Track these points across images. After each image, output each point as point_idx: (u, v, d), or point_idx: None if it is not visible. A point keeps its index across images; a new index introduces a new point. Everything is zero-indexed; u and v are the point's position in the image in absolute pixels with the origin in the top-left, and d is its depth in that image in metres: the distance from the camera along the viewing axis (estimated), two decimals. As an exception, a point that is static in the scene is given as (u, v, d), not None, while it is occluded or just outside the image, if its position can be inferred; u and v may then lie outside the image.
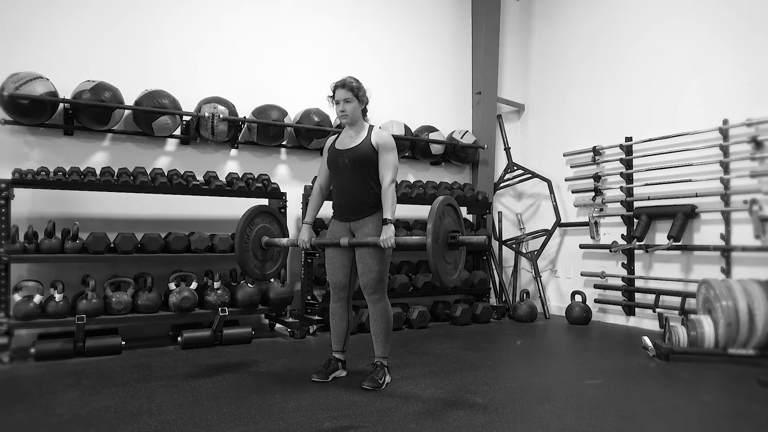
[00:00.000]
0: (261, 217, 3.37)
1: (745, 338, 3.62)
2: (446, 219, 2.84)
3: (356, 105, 3.10)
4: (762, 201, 4.19)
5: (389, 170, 3.06)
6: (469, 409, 2.69)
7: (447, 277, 2.82)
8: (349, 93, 3.08)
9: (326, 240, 3.15)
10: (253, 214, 3.31)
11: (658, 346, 3.79)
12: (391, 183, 3.04)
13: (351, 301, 3.31)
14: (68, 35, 4.33)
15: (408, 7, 6.00)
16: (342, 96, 3.08)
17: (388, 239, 2.94)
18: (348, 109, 3.09)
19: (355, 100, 3.09)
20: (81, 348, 3.69)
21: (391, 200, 3.02)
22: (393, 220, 2.99)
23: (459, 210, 3.00)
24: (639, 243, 4.99)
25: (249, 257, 3.28)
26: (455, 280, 2.94)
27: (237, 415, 2.58)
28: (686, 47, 4.87)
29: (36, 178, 3.83)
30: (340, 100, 3.09)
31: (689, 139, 4.74)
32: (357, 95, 3.09)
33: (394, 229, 3.00)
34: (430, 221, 2.69)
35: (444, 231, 2.80)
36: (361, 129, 3.16)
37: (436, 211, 2.72)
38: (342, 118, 3.13)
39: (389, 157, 3.08)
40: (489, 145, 6.07)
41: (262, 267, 3.39)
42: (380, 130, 3.15)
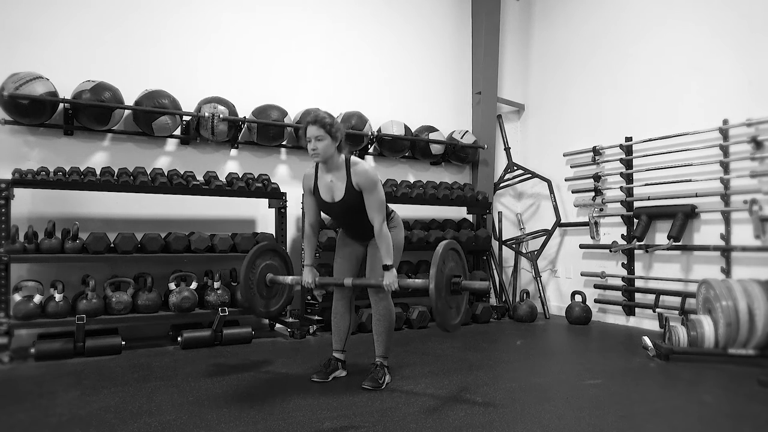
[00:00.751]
0: (262, 257, 3.37)
1: (745, 338, 3.62)
2: (449, 263, 2.84)
3: (329, 143, 2.91)
4: (762, 201, 4.19)
5: (377, 211, 2.95)
6: (469, 409, 2.69)
7: (450, 322, 2.82)
8: (320, 130, 2.89)
9: (331, 280, 3.19)
10: (253, 258, 3.30)
11: (658, 346, 3.79)
12: (383, 223, 2.96)
13: (354, 300, 3.32)
14: (68, 35, 4.33)
15: (408, 7, 6.00)
16: (313, 133, 2.90)
17: (392, 284, 2.93)
18: (320, 147, 2.90)
19: (328, 138, 2.90)
20: (81, 348, 3.69)
21: (386, 244, 2.95)
22: (392, 264, 2.96)
23: (462, 254, 2.98)
24: (639, 243, 4.98)
25: (256, 299, 3.32)
26: (457, 325, 2.93)
27: (237, 415, 2.58)
28: (686, 47, 4.87)
29: (36, 178, 3.83)
30: (312, 137, 2.90)
31: (689, 139, 4.74)
32: (330, 132, 2.90)
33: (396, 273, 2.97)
34: (433, 266, 2.69)
35: (447, 276, 2.80)
36: (339, 168, 3.00)
37: (440, 256, 2.71)
38: (314, 157, 2.96)
39: (373, 198, 2.95)
40: (489, 145, 6.07)
41: (267, 304, 3.43)
42: (357, 167, 2.97)
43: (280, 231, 4.63)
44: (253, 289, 3.29)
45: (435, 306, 2.67)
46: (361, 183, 2.95)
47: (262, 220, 5.01)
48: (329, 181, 3.05)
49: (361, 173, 2.95)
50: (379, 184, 2.98)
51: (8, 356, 3.54)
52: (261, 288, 3.34)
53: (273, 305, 3.47)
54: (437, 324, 2.75)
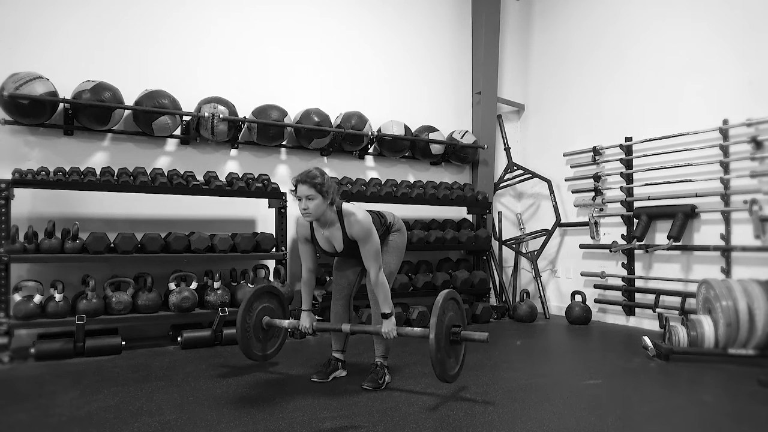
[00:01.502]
0: (259, 300, 3.38)
1: (745, 338, 3.62)
2: (449, 313, 2.85)
3: (320, 201, 2.87)
4: (762, 201, 4.18)
5: (373, 261, 2.94)
6: (469, 409, 2.69)
7: (448, 372, 2.83)
8: (311, 189, 2.84)
9: (328, 326, 3.21)
10: (250, 301, 3.31)
11: (658, 346, 3.79)
12: (379, 272, 2.95)
13: (352, 301, 3.32)
14: (68, 35, 4.33)
15: (408, 7, 6.00)
16: (304, 193, 2.86)
17: (390, 332, 2.95)
18: (311, 206, 2.87)
19: (319, 197, 2.86)
20: (81, 348, 3.69)
21: (384, 292, 2.95)
22: (391, 312, 2.97)
23: (461, 303, 3.01)
24: (639, 243, 4.98)
25: (252, 343, 3.32)
26: (456, 375, 2.93)
27: (237, 415, 2.58)
28: (687, 47, 4.87)
29: (36, 178, 3.83)
30: (302, 197, 2.87)
31: (689, 139, 4.74)
32: (320, 191, 2.86)
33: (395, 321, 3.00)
34: (433, 316, 2.71)
35: (447, 326, 2.82)
36: (332, 222, 3.00)
37: (440, 306, 2.74)
38: (306, 217, 2.93)
39: (368, 247, 2.93)
40: (489, 145, 6.07)
41: (264, 348, 3.43)
42: (351, 219, 2.94)
43: (280, 231, 4.63)
44: (249, 333, 3.30)
45: (434, 357, 2.68)
46: (355, 234, 2.95)
47: (262, 220, 5.01)
48: (326, 236, 3.07)
49: (355, 225, 2.93)
50: (373, 233, 2.96)
51: (8, 356, 3.54)
52: (257, 331, 3.35)
53: (269, 348, 3.48)
54: (436, 375, 2.75)
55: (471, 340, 2.89)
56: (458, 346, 2.98)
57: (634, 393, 3.02)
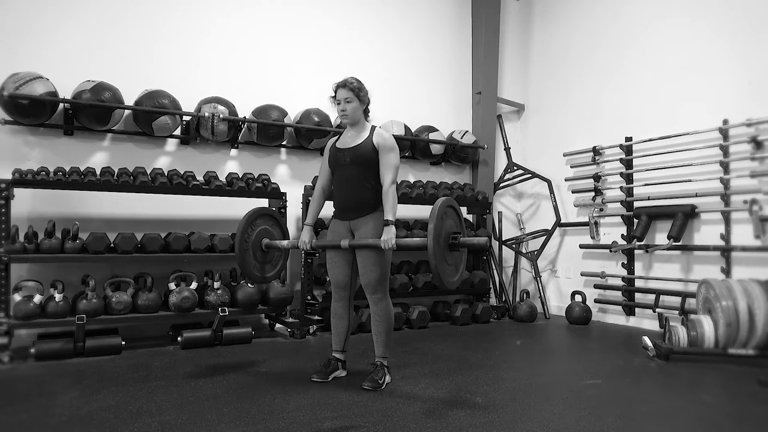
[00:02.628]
0: (263, 219, 3.37)
1: (745, 338, 3.62)
2: (447, 220, 2.83)
3: (357, 105, 3.09)
4: (762, 201, 4.19)
5: (390, 171, 3.06)
6: (469, 409, 2.69)
7: (448, 278, 2.81)
8: (350, 93, 3.07)
9: (327, 242, 3.14)
10: (255, 215, 3.31)
11: (658, 346, 3.79)
12: (392, 184, 3.05)
13: (352, 300, 3.31)
14: (68, 35, 4.33)
15: (408, 7, 6.00)
16: (343, 96, 3.08)
17: (389, 240, 2.94)
18: (349, 108, 3.08)
19: (356, 100, 3.08)
20: (81, 348, 3.69)
21: (392, 201, 3.02)
22: (394, 221, 3.00)
23: (460, 211, 2.99)
24: (639, 243, 4.98)
25: (249, 257, 3.28)
26: (456, 282, 2.92)
27: (237, 415, 2.58)
28: (687, 47, 4.87)
29: (36, 178, 3.83)
30: (341, 99, 3.09)
31: (689, 139, 4.74)
32: (358, 95, 3.08)
33: (395, 230, 3.00)
34: (431, 222, 2.68)
35: (445, 232, 2.79)
36: (363, 129, 3.16)
37: (438, 212, 2.71)
38: (343, 118, 3.13)
39: (390, 158, 3.07)
40: (489, 145, 6.07)
41: (262, 269, 3.39)
42: (382, 131, 3.15)
43: (280, 231, 4.63)
44: (248, 250, 3.27)
45: (433, 262, 2.66)
46: (380, 143, 3.08)
47: (262, 220, 5.00)
48: (350, 136, 3.17)
49: (385, 136, 3.11)
50: (396, 150, 3.11)
51: (8, 356, 3.54)
52: (256, 251, 3.32)
53: (268, 271, 3.44)
54: (435, 281, 2.76)
55: (470, 245, 2.85)
56: (458, 253, 2.95)
57: (634, 393, 3.02)
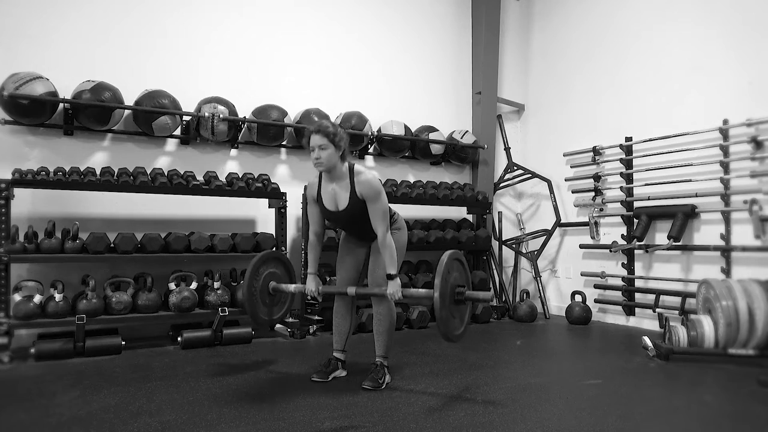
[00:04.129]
0: (266, 264, 3.37)
1: (745, 338, 3.62)
2: (453, 273, 2.85)
3: (332, 152, 2.91)
4: (762, 201, 4.18)
5: (380, 220, 2.95)
6: (469, 409, 2.69)
7: (453, 332, 2.84)
8: (324, 139, 2.89)
9: (334, 289, 3.21)
10: (259, 263, 3.31)
11: (658, 346, 3.79)
12: (386, 232, 2.96)
13: (355, 300, 3.32)
14: (68, 35, 4.33)
15: (408, 7, 6.00)
16: (317, 142, 2.90)
17: (396, 293, 2.94)
18: (324, 156, 2.90)
19: (331, 147, 2.90)
20: (81, 348, 3.69)
21: (390, 251, 2.95)
22: (396, 273, 2.97)
23: (466, 264, 3.00)
24: (639, 243, 4.98)
25: (258, 307, 3.31)
26: (461, 335, 2.94)
27: (237, 415, 2.58)
28: (687, 47, 4.86)
29: (36, 178, 3.83)
30: (315, 146, 2.91)
31: (689, 139, 4.74)
32: (333, 141, 2.90)
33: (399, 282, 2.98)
34: (437, 276, 2.69)
35: (451, 286, 2.81)
36: (342, 177, 3.00)
37: (444, 266, 2.73)
38: (317, 166, 2.95)
39: (377, 207, 2.95)
40: (489, 145, 6.07)
41: (270, 312, 3.43)
42: (361, 176, 2.97)
43: (280, 231, 4.63)
44: (256, 296, 3.29)
45: (439, 316, 2.68)
46: (364, 192, 2.96)
47: (262, 220, 5.01)
48: (333, 190, 3.05)
49: (365, 183, 2.96)
50: (382, 193, 2.98)
51: (8, 356, 3.54)
52: (264, 296, 3.35)
53: (276, 313, 3.48)
54: (441, 334, 2.77)
55: (476, 300, 2.87)
56: (463, 307, 2.95)
57: (634, 393, 3.02)
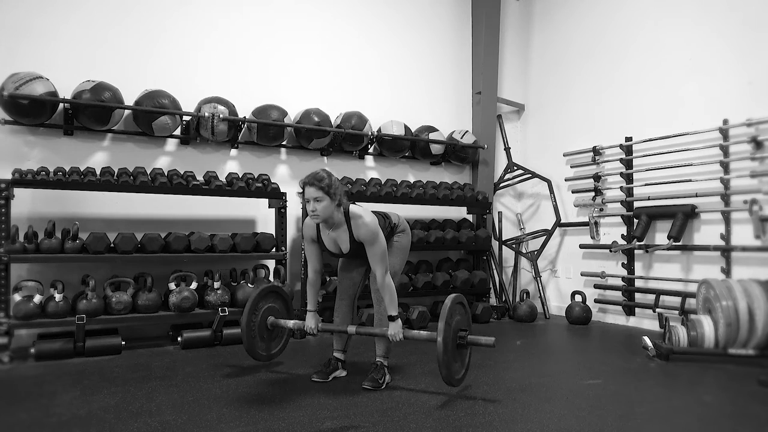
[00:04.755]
0: (264, 300, 3.38)
1: (745, 338, 3.62)
2: (456, 317, 2.88)
3: (328, 203, 2.89)
4: (762, 201, 4.18)
5: (379, 263, 2.95)
6: (469, 409, 2.69)
7: (455, 376, 2.87)
8: (319, 192, 2.87)
9: (333, 327, 3.21)
10: (256, 301, 3.31)
11: (658, 346, 3.79)
12: (385, 274, 2.96)
13: (356, 301, 3.33)
14: (68, 35, 4.33)
15: (408, 8, 6.00)
16: (312, 195, 2.89)
17: (397, 334, 2.96)
18: (319, 208, 2.89)
19: (327, 198, 2.88)
20: (81, 348, 3.69)
21: (390, 294, 2.96)
22: (397, 314, 2.99)
23: (467, 307, 3.05)
24: (639, 243, 4.98)
25: (257, 344, 3.33)
26: (461, 379, 2.97)
27: (237, 415, 2.58)
28: (686, 47, 4.86)
29: (36, 178, 3.83)
30: (311, 199, 2.90)
31: (689, 139, 4.74)
32: (328, 193, 2.88)
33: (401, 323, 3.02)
34: (441, 320, 2.75)
35: (454, 329, 2.84)
36: (339, 224, 3.02)
37: (448, 310, 2.77)
38: (314, 219, 2.96)
39: (375, 249, 2.95)
40: (489, 145, 6.07)
41: (268, 347, 3.44)
42: (358, 222, 2.97)
43: (280, 231, 4.63)
44: (254, 333, 3.30)
45: (441, 360, 2.71)
46: (362, 237, 2.97)
47: (262, 220, 5.01)
48: (332, 237, 3.10)
49: (362, 227, 2.96)
50: (380, 235, 2.97)
51: (8, 356, 3.54)
52: (262, 331, 3.36)
53: (273, 347, 3.49)
54: (443, 378, 2.79)
55: (477, 345, 2.92)
56: (464, 350, 3.01)
57: (634, 393, 3.02)
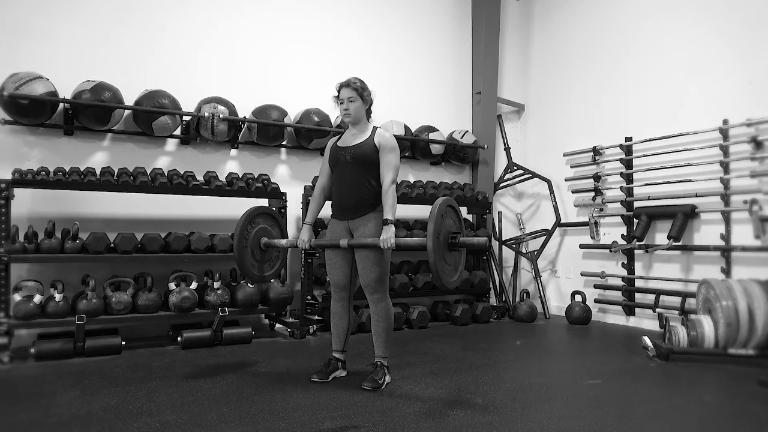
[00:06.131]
0: (262, 217, 3.37)
1: (745, 338, 3.62)
2: (447, 220, 2.84)
3: (360, 104, 3.12)
4: (762, 201, 4.19)
5: (390, 170, 3.08)
6: (469, 409, 2.69)
7: (447, 278, 2.81)
8: (353, 92, 3.10)
9: (326, 241, 3.13)
10: (254, 213, 3.31)
11: (658, 346, 3.79)
12: (392, 183, 3.06)
13: (352, 300, 3.31)
14: (68, 35, 4.33)
15: (408, 8, 6.00)
16: (346, 95, 3.11)
17: (388, 239, 2.93)
18: (352, 108, 3.11)
19: (359, 100, 3.11)
20: (81, 348, 3.69)
21: (392, 200, 3.03)
22: (393, 220, 3.00)
23: (459, 211, 2.99)
24: (639, 243, 4.98)
25: (247, 256, 3.26)
26: (455, 282, 2.92)
27: (237, 415, 2.59)
28: (687, 47, 4.87)
29: (36, 178, 3.83)
30: (344, 99, 3.11)
31: (689, 139, 4.74)
32: (361, 95, 3.12)
33: (395, 230, 3.01)
34: (430, 222, 2.68)
35: (444, 232, 2.79)
36: (365, 129, 3.18)
37: (437, 212, 2.71)
38: (345, 117, 3.15)
39: (390, 158, 3.09)
40: (489, 145, 6.07)
41: (260, 268, 3.38)
42: (383, 131, 3.17)
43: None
44: (247, 248, 3.25)
45: (433, 262, 2.67)
46: (381, 143, 3.10)
47: (262, 220, 5.00)
48: (353, 134, 3.20)
49: (386, 136, 3.14)
50: (397, 151, 3.13)
51: (8, 356, 3.54)
52: (255, 249, 3.31)
53: (266, 270, 3.43)
54: (435, 282, 2.76)
55: (470, 245, 2.85)
56: (457, 253, 2.96)
57: (634, 393, 3.02)
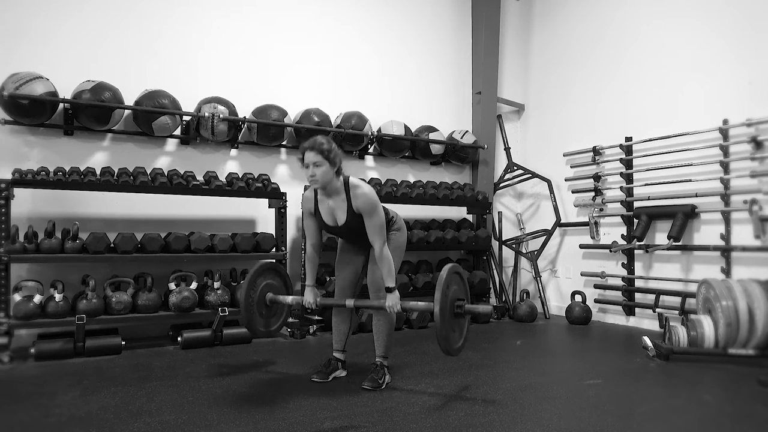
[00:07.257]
0: (263, 276, 3.37)
1: (745, 338, 3.62)
2: (453, 287, 2.87)
3: (327, 168, 2.88)
4: (762, 201, 4.19)
5: (377, 235, 2.95)
6: (469, 409, 2.69)
7: (452, 345, 2.85)
8: (318, 156, 2.85)
9: (332, 301, 3.20)
10: (254, 277, 3.29)
11: (658, 346, 3.79)
12: (383, 246, 2.96)
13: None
14: (68, 35, 4.33)
15: (408, 8, 6.00)
16: (311, 159, 2.87)
17: (394, 306, 2.95)
18: (318, 173, 2.87)
19: (326, 163, 2.87)
20: (81, 348, 3.69)
21: (388, 266, 2.96)
22: (395, 286, 2.98)
23: (464, 277, 3.02)
24: (639, 243, 4.98)
25: (256, 319, 3.30)
26: (460, 348, 2.96)
27: (237, 415, 2.58)
28: (687, 47, 4.87)
29: (36, 178, 3.83)
30: (310, 163, 2.88)
31: (689, 139, 4.74)
32: (327, 158, 2.87)
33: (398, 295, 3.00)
34: (438, 289, 2.72)
35: (451, 299, 2.84)
36: (338, 192, 2.99)
37: (444, 280, 2.75)
38: (312, 183, 2.94)
39: (374, 221, 2.95)
40: (489, 145, 6.07)
41: (267, 324, 3.42)
42: (357, 191, 2.95)
43: (280, 231, 4.63)
44: (253, 307, 3.29)
45: (439, 330, 2.70)
46: (361, 207, 2.95)
47: (262, 220, 5.01)
48: (330, 207, 3.06)
49: (361, 197, 2.95)
50: (378, 207, 2.98)
51: (8, 356, 3.54)
52: (261, 307, 3.34)
53: (273, 324, 3.47)
54: (441, 348, 2.78)
55: (475, 313, 2.90)
56: (462, 320, 2.98)
57: (634, 393, 3.02)
